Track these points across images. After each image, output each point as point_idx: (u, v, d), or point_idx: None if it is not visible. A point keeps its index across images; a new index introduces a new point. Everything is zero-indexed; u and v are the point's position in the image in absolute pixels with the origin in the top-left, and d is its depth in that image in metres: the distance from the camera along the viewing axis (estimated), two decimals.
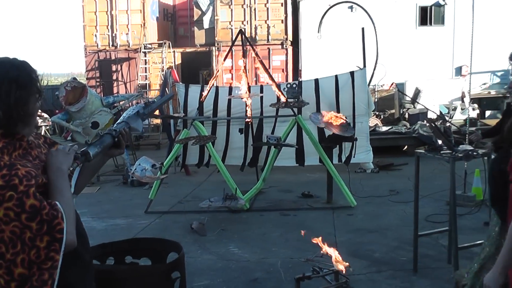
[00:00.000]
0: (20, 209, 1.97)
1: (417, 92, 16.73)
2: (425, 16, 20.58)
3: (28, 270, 2.00)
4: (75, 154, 2.30)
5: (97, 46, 20.74)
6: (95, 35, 20.73)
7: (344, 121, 8.63)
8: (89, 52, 20.86)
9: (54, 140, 2.54)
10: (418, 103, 16.03)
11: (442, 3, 20.39)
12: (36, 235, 1.99)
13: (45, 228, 2.00)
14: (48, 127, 18.77)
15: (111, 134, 2.50)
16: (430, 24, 20.59)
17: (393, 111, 17.39)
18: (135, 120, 2.74)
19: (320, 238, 5.01)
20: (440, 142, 5.82)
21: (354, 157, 9.89)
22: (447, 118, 15.20)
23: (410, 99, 16.51)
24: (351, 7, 19.24)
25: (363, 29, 10.13)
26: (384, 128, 14.23)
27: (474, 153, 5.13)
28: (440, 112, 15.92)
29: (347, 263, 5.01)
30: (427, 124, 12.69)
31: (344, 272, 5.04)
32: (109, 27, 20.73)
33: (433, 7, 20.55)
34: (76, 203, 2.30)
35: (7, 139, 2.12)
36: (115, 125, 2.62)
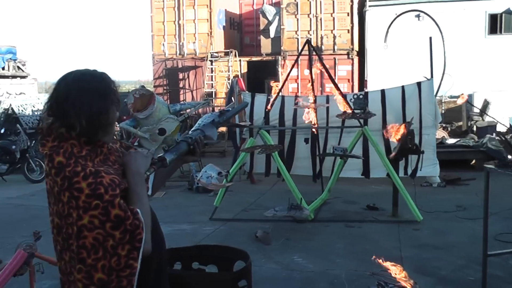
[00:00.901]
0: (105, 217, 2.07)
1: (486, 104, 16.31)
2: (495, 24, 20.02)
3: (107, 276, 2.09)
4: (152, 159, 2.38)
5: (165, 54, 21.22)
6: (163, 44, 21.21)
7: (405, 132, 8.44)
8: (157, 61, 21.36)
9: (129, 144, 2.65)
10: (487, 115, 15.62)
11: None
12: (118, 243, 2.09)
13: (128, 237, 2.10)
14: (116, 133, 19.31)
15: (187, 141, 2.57)
16: (500, 32, 20.03)
17: (460, 123, 17.02)
18: (210, 128, 2.80)
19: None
20: (510, 157, 5.67)
21: (420, 170, 9.75)
22: None
23: (478, 111, 16.10)
24: (418, 16, 18.98)
25: (430, 38, 9.99)
26: (451, 141, 13.93)
27: None
28: (510, 125, 15.47)
29: (413, 280, 4.96)
30: (497, 138, 12.37)
31: None
32: (176, 36, 21.17)
33: (503, 14, 19.96)
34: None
35: (89, 146, 2.22)
36: (190, 132, 2.69)
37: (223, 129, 17.65)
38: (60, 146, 2.18)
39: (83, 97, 2.18)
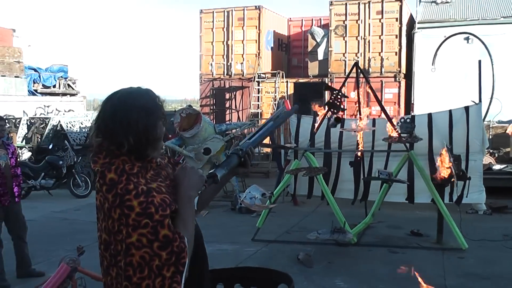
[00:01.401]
0: (154, 237, 2.08)
1: None
2: None
3: None
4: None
5: (212, 74, 21.52)
6: (211, 64, 21.52)
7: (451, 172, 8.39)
8: (204, 80, 21.67)
9: (177, 160, 2.69)
10: None
11: None
12: (164, 264, 2.09)
13: (174, 259, 2.10)
14: (161, 151, 19.61)
15: (238, 154, 2.52)
16: None
17: (508, 149, 16.65)
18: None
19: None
20: None
21: (466, 197, 9.59)
22: None
23: None
24: (467, 38, 18.75)
25: (479, 61, 9.87)
26: (498, 167, 13.63)
27: None
28: None
29: None
30: None
31: None
32: (224, 56, 21.47)
33: None
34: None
35: (140, 162, 2.24)
36: (240, 143, 2.61)
37: (267, 150, 17.75)
38: (111, 163, 2.20)
39: (129, 115, 2.21)
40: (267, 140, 15.55)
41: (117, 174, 2.17)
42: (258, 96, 20.24)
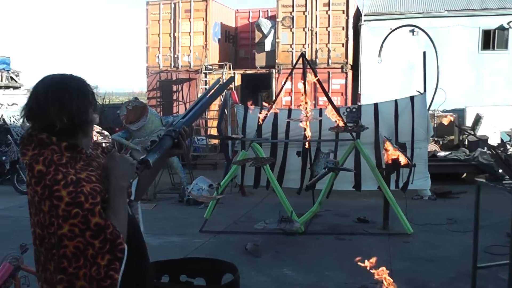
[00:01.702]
0: (85, 226, 2.03)
1: (477, 119, 16.35)
2: (488, 40, 20.19)
3: (89, 284, 2.05)
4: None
5: (159, 66, 21.29)
6: (158, 56, 21.28)
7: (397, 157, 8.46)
8: (151, 73, 21.42)
9: (111, 149, 2.59)
10: (478, 130, 15.66)
11: (506, 26, 19.96)
12: (98, 252, 2.05)
13: (108, 247, 2.06)
14: (108, 144, 19.28)
15: (170, 135, 2.40)
16: (493, 48, 20.19)
17: (452, 137, 17.04)
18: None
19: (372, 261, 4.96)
20: (501, 171, 5.68)
21: (411, 183, 9.76)
22: (508, 146, 14.77)
23: (470, 126, 16.15)
24: (412, 31, 19.11)
25: (424, 53, 10.02)
26: (443, 154, 13.93)
27: None
28: (502, 140, 15.50)
29: None
30: (488, 152, 12.40)
31: None
32: (171, 48, 21.26)
33: (496, 30, 20.14)
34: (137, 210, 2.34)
35: (70, 152, 2.19)
36: (174, 123, 2.51)
37: (215, 141, 17.68)
38: (40, 154, 2.15)
39: (62, 94, 2.18)
40: (214, 131, 15.51)
41: (45, 165, 2.12)
42: (206, 88, 20.09)
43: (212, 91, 2.77)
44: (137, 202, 2.51)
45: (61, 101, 2.16)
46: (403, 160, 8.34)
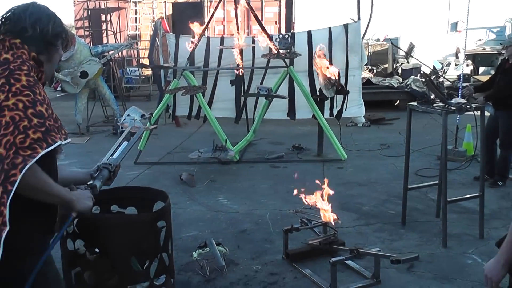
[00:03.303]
0: (31, 105, 2.11)
1: (411, 47, 16.55)
2: None
3: (6, 151, 2.04)
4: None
5: None
6: None
7: (332, 78, 8.39)
8: (78, 1, 20.43)
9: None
10: (412, 57, 15.88)
11: None
12: (32, 127, 2.08)
13: (43, 129, 2.11)
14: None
15: (108, 168, 2.77)
16: None
17: (386, 65, 17.24)
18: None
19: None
20: (433, 96, 5.73)
21: (345, 110, 9.83)
22: (440, 73, 15.08)
23: (404, 54, 16.34)
24: None
25: None
26: (376, 80, 14.05)
27: (467, 106, 5.04)
28: (434, 67, 15.79)
29: (336, 216, 4.99)
30: (421, 79, 12.61)
31: (333, 224, 5.04)
32: None
33: None
34: (65, 153, 2.35)
35: (36, 64, 2.31)
36: (104, 159, 2.85)
37: (148, 72, 17.28)
38: (10, 49, 2.26)
39: (42, 12, 2.36)
40: (146, 62, 15.08)
41: (13, 57, 2.24)
42: (136, 17, 19.42)
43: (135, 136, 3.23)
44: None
45: (38, 15, 2.33)
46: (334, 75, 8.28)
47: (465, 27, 9.30)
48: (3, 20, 2.33)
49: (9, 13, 2.34)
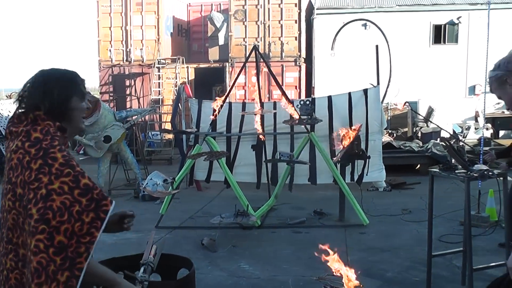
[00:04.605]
0: (75, 184, 2.22)
1: (430, 111, 16.65)
2: (439, 35, 20.67)
3: (68, 239, 2.16)
4: None
5: (111, 61, 20.90)
6: (110, 50, 20.89)
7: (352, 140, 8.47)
8: (103, 67, 21.01)
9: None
10: (431, 122, 15.94)
11: (456, 21, 20.44)
12: (84, 210, 2.20)
13: (93, 205, 2.23)
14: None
15: (151, 266, 3.56)
16: (444, 42, 20.68)
17: (406, 129, 17.31)
18: None
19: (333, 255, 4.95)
20: (454, 161, 5.75)
21: (366, 175, 9.83)
22: (460, 138, 15.08)
23: (423, 118, 16.41)
24: (364, 25, 19.30)
25: (377, 46, 10.09)
26: (397, 143, 14.02)
27: (490, 173, 5.05)
28: (454, 131, 15.82)
29: (359, 283, 4.95)
30: (441, 143, 12.61)
31: None
32: (123, 42, 20.90)
33: (447, 25, 20.64)
34: None
35: (61, 132, 2.40)
36: (148, 257, 3.52)
37: (169, 136, 17.49)
38: (37, 124, 2.35)
39: (45, 83, 2.43)
40: (168, 126, 15.32)
41: (42, 134, 2.31)
42: (159, 82, 19.86)
43: None
44: None
45: (43, 88, 2.41)
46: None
47: (483, 91, 9.37)
48: (20, 98, 2.45)
49: (24, 91, 2.45)
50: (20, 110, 2.43)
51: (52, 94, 2.40)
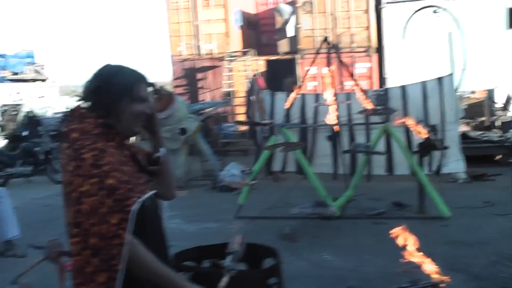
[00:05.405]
0: (101, 185, 2.17)
1: (508, 99, 16.11)
2: None
3: (100, 242, 2.16)
4: None
5: (183, 55, 21.23)
6: (180, 45, 21.22)
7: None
8: (175, 61, 21.36)
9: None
10: (509, 111, 15.43)
11: None
12: (109, 211, 2.16)
13: (118, 206, 2.18)
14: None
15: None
16: None
17: (483, 118, 16.81)
18: None
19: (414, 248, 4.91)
20: None
21: (445, 166, 9.67)
22: None
23: (501, 106, 15.89)
24: (435, 11, 18.83)
25: (450, 33, 9.89)
26: (475, 133, 13.59)
27: None
28: None
29: (447, 276, 4.89)
30: None
31: (444, 285, 4.92)
32: (193, 36, 21.17)
33: None
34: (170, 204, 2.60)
35: (104, 129, 2.34)
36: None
37: (243, 128, 17.66)
38: (81, 122, 2.33)
39: (108, 76, 2.38)
40: (243, 117, 15.46)
41: (79, 134, 2.29)
42: (230, 75, 20.04)
43: None
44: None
45: (93, 84, 2.38)
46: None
47: None
48: (81, 91, 2.43)
49: (85, 83, 2.43)
50: (74, 106, 2.42)
51: (100, 91, 2.36)
